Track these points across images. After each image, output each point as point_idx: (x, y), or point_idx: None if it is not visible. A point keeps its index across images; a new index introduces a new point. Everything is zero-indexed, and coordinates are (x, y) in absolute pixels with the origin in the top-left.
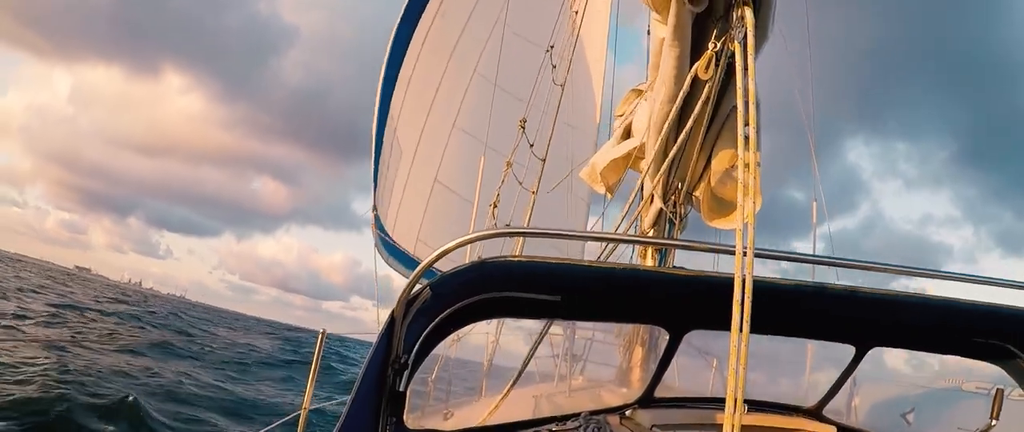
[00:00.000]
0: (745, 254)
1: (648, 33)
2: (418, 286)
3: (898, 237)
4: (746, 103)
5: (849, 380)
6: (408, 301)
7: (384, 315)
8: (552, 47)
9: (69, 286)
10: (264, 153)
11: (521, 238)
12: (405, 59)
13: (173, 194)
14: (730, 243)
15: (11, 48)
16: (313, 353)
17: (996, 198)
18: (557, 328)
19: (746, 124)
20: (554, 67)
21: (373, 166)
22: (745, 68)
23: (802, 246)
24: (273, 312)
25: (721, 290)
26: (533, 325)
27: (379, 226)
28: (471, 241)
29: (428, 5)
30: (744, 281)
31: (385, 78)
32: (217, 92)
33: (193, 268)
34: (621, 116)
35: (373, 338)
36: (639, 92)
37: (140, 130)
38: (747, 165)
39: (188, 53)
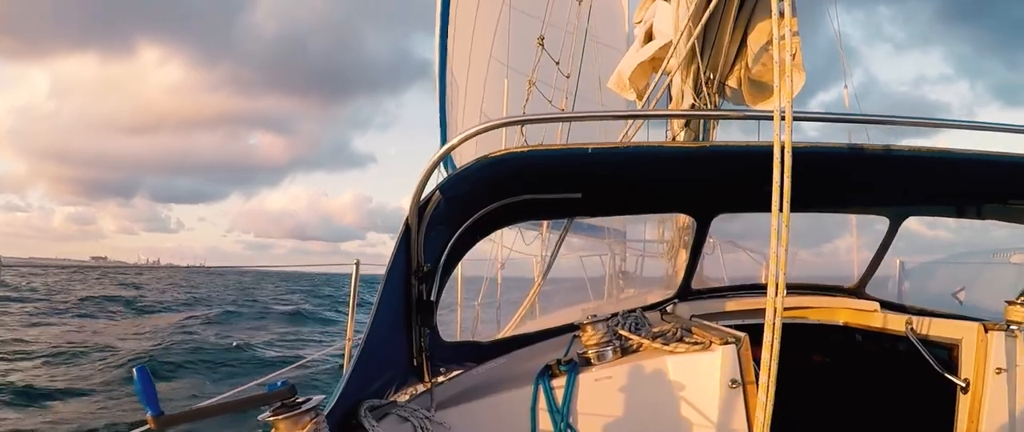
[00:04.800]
0: (783, 117)
1: None
2: (427, 191)
3: (895, 99)
4: None
5: (895, 261)
6: (420, 207)
7: None
8: None
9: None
10: (253, 108)
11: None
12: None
13: (173, 167)
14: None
15: None
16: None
17: (988, 51)
18: (606, 249)
19: None
20: None
21: (439, 107)
22: None
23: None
24: (295, 262)
25: (750, 162)
26: (579, 242)
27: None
28: (469, 136)
29: None
30: (784, 147)
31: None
32: (194, 58)
33: (207, 235)
34: (640, 22)
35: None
36: None
37: (126, 110)
38: (783, 36)
39: (158, 24)
